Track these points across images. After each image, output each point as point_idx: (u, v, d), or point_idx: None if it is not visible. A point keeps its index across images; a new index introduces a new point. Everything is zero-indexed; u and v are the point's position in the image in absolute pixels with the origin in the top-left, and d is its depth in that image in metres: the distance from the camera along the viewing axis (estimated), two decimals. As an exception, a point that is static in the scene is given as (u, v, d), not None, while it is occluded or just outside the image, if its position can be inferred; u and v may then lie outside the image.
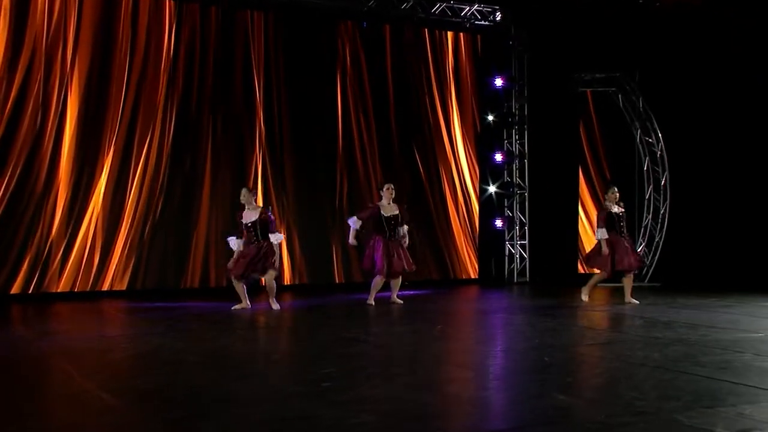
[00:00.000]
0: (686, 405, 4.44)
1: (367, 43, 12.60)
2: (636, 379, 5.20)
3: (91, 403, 4.34)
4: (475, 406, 4.34)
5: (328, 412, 4.15)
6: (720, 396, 4.66)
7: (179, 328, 7.69)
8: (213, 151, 11.57)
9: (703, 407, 4.42)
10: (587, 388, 4.84)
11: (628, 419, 4.10)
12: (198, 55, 11.50)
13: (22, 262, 10.39)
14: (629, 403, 4.47)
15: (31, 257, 10.44)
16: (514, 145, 13.55)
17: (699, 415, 4.17)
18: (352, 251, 11.54)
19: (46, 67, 10.57)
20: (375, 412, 4.14)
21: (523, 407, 4.37)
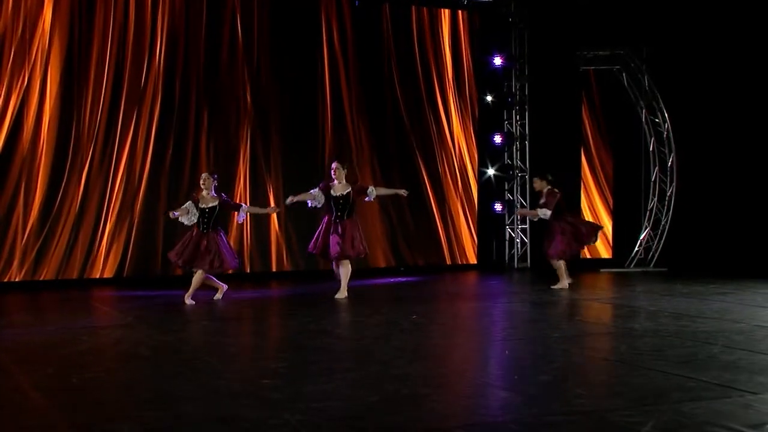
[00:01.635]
0: (628, 403, 4.44)
1: (359, 22, 12.53)
2: (589, 375, 5.21)
3: (15, 402, 4.42)
4: (411, 404, 4.36)
5: (253, 411, 4.20)
6: (666, 393, 4.65)
7: (147, 319, 7.79)
8: (198, 136, 11.60)
9: (644, 405, 4.41)
10: (534, 385, 4.84)
11: (558, 418, 4.11)
12: (183, 35, 11.50)
13: (8, 249, 10.55)
14: (568, 401, 4.48)
15: (18, 244, 10.58)
16: (515, 127, 13.46)
17: (635, 414, 4.17)
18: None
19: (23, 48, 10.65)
20: (303, 412, 4.18)
21: (459, 405, 4.40)
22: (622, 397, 4.58)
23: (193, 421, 4.03)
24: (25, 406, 4.35)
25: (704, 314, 7.83)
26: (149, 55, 11.30)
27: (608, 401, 4.49)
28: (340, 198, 9.15)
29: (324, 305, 8.75)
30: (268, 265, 11.98)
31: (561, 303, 8.94)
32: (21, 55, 10.64)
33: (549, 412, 4.25)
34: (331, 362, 5.55)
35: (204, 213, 8.76)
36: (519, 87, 13.43)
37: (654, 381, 5.04)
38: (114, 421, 4.01)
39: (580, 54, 13.36)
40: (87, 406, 4.32)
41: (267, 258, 11.96)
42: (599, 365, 5.49)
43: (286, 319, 7.98)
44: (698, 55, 13.04)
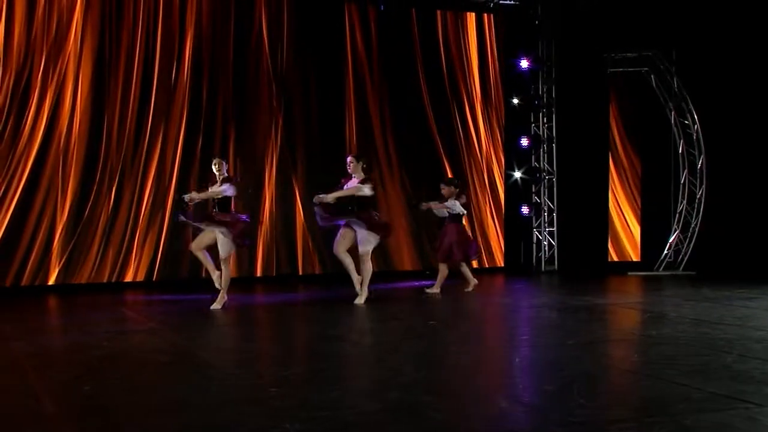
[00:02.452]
0: (629, 414, 4.43)
1: (383, 27, 12.58)
2: (595, 384, 5.19)
3: (26, 409, 4.54)
4: (411, 414, 4.40)
5: (256, 420, 4.26)
6: (671, 404, 4.62)
7: (170, 323, 7.93)
8: (225, 141, 11.75)
9: (646, 416, 4.39)
10: (537, 394, 4.84)
11: (555, 430, 4.11)
12: (210, 40, 11.64)
13: (42, 252, 10.78)
14: (568, 412, 4.46)
15: (53, 248, 10.81)
16: (542, 129, 13.40)
17: (635, 426, 4.15)
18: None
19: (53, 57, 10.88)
20: (303, 420, 4.23)
21: (457, 415, 4.41)
22: (624, 408, 4.57)
23: (195, 429, 4.10)
24: (34, 413, 4.46)
25: (726, 321, 7.73)
26: (177, 59, 11.47)
27: (609, 412, 4.47)
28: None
29: (345, 309, 8.81)
30: (295, 268, 12.08)
31: (582, 308, 8.88)
32: (54, 59, 10.85)
33: (547, 422, 4.25)
34: (340, 369, 5.60)
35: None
36: (546, 89, 13.37)
37: (660, 391, 5.00)
38: (119, 429, 4.10)
39: (608, 56, 13.25)
40: (95, 414, 4.42)
41: (294, 261, 12.06)
42: (608, 374, 5.47)
43: (306, 324, 8.06)
44: (728, 56, 12.87)
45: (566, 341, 6.85)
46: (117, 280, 11.16)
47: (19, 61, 10.68)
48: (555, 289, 11.40)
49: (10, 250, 10.60)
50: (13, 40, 10.66)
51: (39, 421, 4.33)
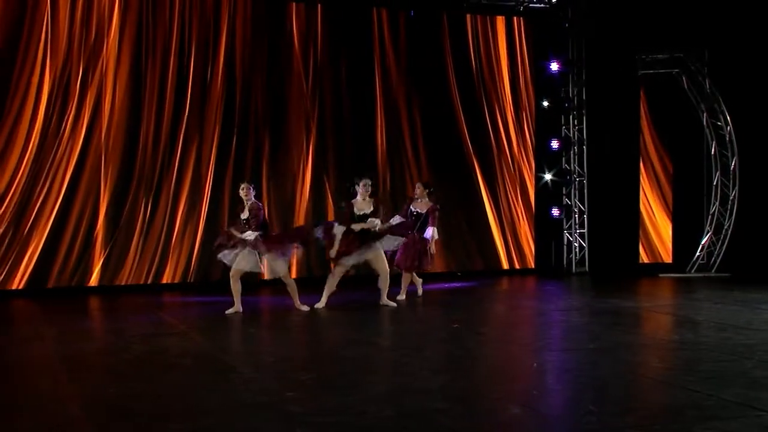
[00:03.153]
0: (638, 421, 4.43)
1: (414, 32, 12.63)
2: (609, 390, 5.18)
3: (53, 413, 4.69)
4: (422, 420, 4.45)
5: (270, 425, 4.35)
6: (682, 411, 4.61)
7: (199, 325, 8.08)
8: (260, 146, 11.89)
9: (655, 424, 4.40)
10: (550, 400, 4.87)
11: (562, 437, 4.14)
12: (243, 45, 11.79)
13: (86, 256, 11.04)
14: (579, 419, 4.49)
15: (91, 251, 11.06)
16: (572, 131, 13.33)
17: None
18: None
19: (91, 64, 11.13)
20: (316, 427, 4.31)
21: (468, 421, 4.45)
22: (634, 415, 4.57)
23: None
24: (60, 418, 4.61)
25: (752, 325, 7.65)
26: (212, 64, 11.62)
27: (618, 419, 4.47)
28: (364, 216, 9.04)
29: (371, 312, 8.89)
30: (327, 270, 12.15)
31: (608, 311, 8.84)
32: (92, 64, 11.07)
33: (555, 430, 4.28)
34: (358, 374, 5.67)
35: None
36: (576, 92, 13.29)
37: (673, 398, 5.00)
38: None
39: (638, 58, 13.13)
40: (118, 418, 4.55)
41: (325, 263, 12.14)
42: (623, 380, 5.45)
43: (331, 328, 8.14)
44: (761, 57, 12.67)
45: (587, 346, 6.85)
46: (154, 281, 11.36)
47: (59, 66, 10.91)
48: (584, 291, 11.35)
49: (52, 253, 10.85)
50: (57, 45, 10.90)
51: (62, 425, 4.47)
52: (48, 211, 10.85)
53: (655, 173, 13.70)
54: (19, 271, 10.72)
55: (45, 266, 10.83)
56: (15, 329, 8.17)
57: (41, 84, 10.84)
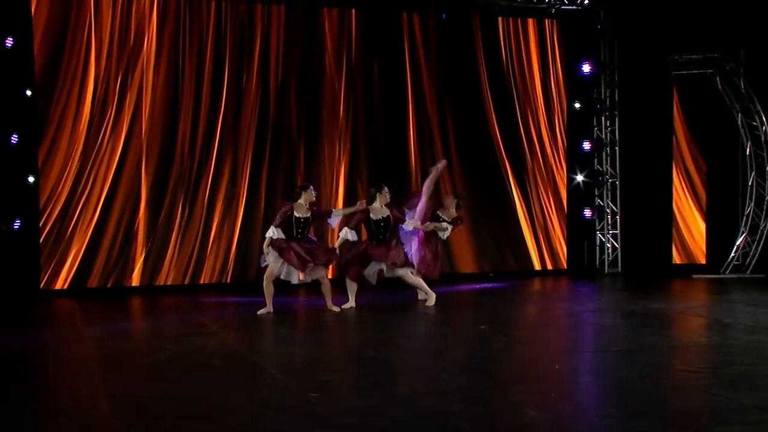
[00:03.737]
0: (653, 424, 4.41)
1: (445, 35, 12.64)
2: (628, 393, 5.16)
3: (83, 412, 4.82)
4: (438, 422, 4.49)
5: (290, 426, 4.42)
6: (699, 415, 4.59)
7: (232, 326, 8.21)
8: (294, 150, 12.01)
9: (671, 428, 4.37)
10: (567, 403, 4.87)
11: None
12: (277, 47, 11.91)
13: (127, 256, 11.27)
14: (595, 422, 4.49)
15: (132, 251, 11.29)
16: (604, 133, 13.24)
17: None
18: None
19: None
20: (335, 427, 4.38)
21: (483, 424, 4.48)
22: (650, 418, 4.54)
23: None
24: (90, 416, 4.74)
25: (782, 328, 7.54)
26: (247, 68, 11.75)
27: (634, 422, 4.46)
28: (380, 221, 9.12)
29: (400, 312, 8.93)
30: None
31: (637, 313, 8.78)
32: (131, 68, 11.28)
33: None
34: (381, 375, 5.72)
35: (300, 222, 8.90)
36: (609, 93, 13.19)
37: (692, 401, 4.98)
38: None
39: (671, 59, 12.99)
40: (146, 418, 4.66)
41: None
42: (644, 382, 5.42)
43: (359, 329, 8.20)
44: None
45: (610, 348, 6.82)
46: (192, 281, 11.55)
47: (101, 72, 11.14)
48: (615, 292, 11.26)
49: (94, 254, 11.10)
50: (99, 51, 11.14)
51: (90, 423, 4.59)
52: (90, 213, 11.10)
53: (688, 174, 13.52)
54: (62, 271, 10.99)
55: (87, 266, 11.08)
56: (56, 329, 8.37)
57: (83, 90, 11.08)
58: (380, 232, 9.07)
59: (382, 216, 9.09)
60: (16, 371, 6.12)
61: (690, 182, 13.52)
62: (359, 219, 9.19)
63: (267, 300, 8.75)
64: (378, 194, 9.17)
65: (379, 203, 9.14)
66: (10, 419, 4.67)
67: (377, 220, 9.07)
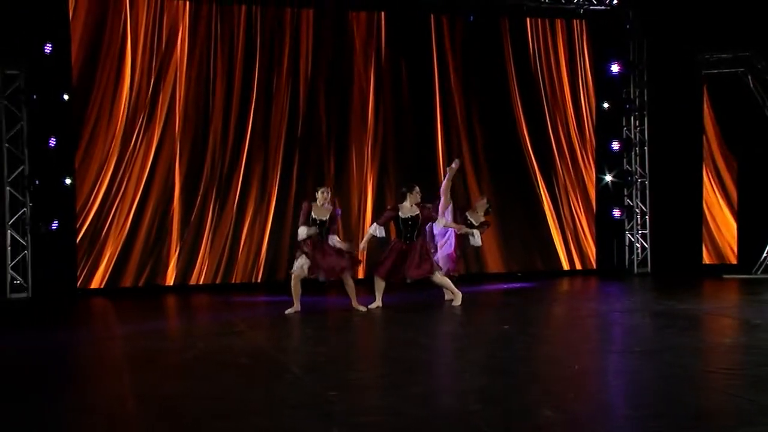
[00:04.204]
0: (670, 425, 4.38)
1: (473, 36, 12.62)
2: (647, 393, 5.13)
3: (110, 409, 4.92)
4: (454, 421, 4.51)
5: (308, 425, 4.46)
6: (717, 416, 4.55)
7: (260, 325, 8.30)
8: (324, 151, 12.09)
9: (686, 428, 4.34)
10: (584, 403, 4.85)
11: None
12: (307, 50, 11.98)
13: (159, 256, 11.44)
14: (609, 423, 4.47)
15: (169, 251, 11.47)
16: (633, 132, 13.12)
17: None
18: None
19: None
20: (351, 426, 4.42)
21: (498, 424, 4.48)
22: (667, 419, 4.51)
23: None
24: (117, 414, 4.84)
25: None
26: (277, 70, 11.82)
27: (650, 423, 4.43)
28: (408, 220, 9.12)
29: (426, 312, 8.94)
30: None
31: (663, 313, 8.70)
32: (164, 71, 11.44)
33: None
34: (402, 375, 5.75)
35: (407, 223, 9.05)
36: (638, 93, 13.07)
37: (711, 402, 4.93)
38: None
39: (702, 58, 12.81)
40: (170, 416, 4.74)
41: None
42: (665, 383, 5.38)
43: (384, 329, 8.24)
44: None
45: (634, 348, 6.78)
46: (223, 281, 11.67)
47: (137, 75, 11.31)
48: (643, 292, 11.17)
49: (128, 253, 11.27)
50: (135, 53, 11.32)
51: (114, 422, 4.68)
52: (124, 214, 11.27)
53: (719, 173, 13.32)
54: (98, 271, 11.18)
55: (121, 266, 11.25)
56: (90, 328, 8.54)
57: (118, 94, 11.26)
58: (408, 230, 9.09)
59: (411, 215, 9.11)
60: (49, 369, 6.25)
61: (721, 181, 13.32)
62: (389, 217, 9.23)
63: (295, 299, 8.82)
64: (408, 194, 9.19)
65: (409, 202, 9.16)
66: (41, 415, 4.78)
67: (405, 219, 9.10)
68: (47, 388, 5.52)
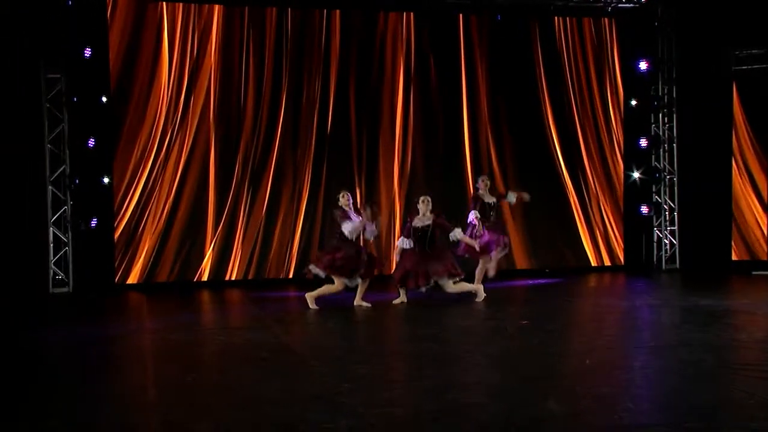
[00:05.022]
0: (668, 419, 4.41)
1: (501, 36, 12.64)
2: (652, 389, 5.16)
3: (131, 397, 5.11)
4: (458, 414, 4.59)
5: (318, 416, 4.56)
6: (717, 410, 4.56)
7: (285, 320, 8.46)
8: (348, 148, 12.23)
9: (684, 422, 4.35)
10: (589, 397, 4.88)
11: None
12: (337, 50, 12.16)
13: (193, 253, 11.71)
14: (609, 416, 4.50)
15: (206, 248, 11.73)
16: (662, 129, 13.01)
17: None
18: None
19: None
20: (359, 417, 4.52)
21: (501, 417, 4.55)
22: (668, 413, 4.54)
23: (263, 425, 4.44)
24: (137, 401, 5.02)
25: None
26: (309, 67, 12.03)
27: (651, 416, 4.47)
28: (419, 230, 9.25)
29: (450, 308, 9.01)
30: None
31: (685, 309, 8.65)
32: (196, 71, 11.72)
33: (584, 426, 4.32)
34: (414, 369, 5.85)
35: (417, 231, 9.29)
36: (667, 90, 12.96)
37: (713, 397, 4.93)
38: (200, 421, 4.53)
39: (731, 54, 12.66)
40: (185, 406, 4.90)
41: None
42: (671, 378, 5.40)
43: (403, 323, 8.34)
44: None
45: (648, 343, 6.77)
46: (256, 276, 11.89)
47: (174, 73, 11.62)
48: (669, 288, 11.11)
49: (163, 250, 11.56)
50: (172, 59, 11.61)
51: (134, 410, 4.86)
52: (160, 211, 11.57)
53: (748, 170, 13.11)
54: (135, 267, 11.48)
55: (157, 262, 11.54)
56: (123, 322, 8.76)
57: (154, 96, 11.55)
58: (422, 239, 9.24)
59: (423, 224, 9.27)
60: (79, 360, 6.48)
61: (750, 178, 13.12)
62: (408, 228, 9.42)
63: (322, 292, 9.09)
64: (419, 204, 9.39)
65: (421, 212, 9.34)
66: (65, 404, 4.98)
67: (416, 228, 9.28)
68: (79, 378, 5.75)
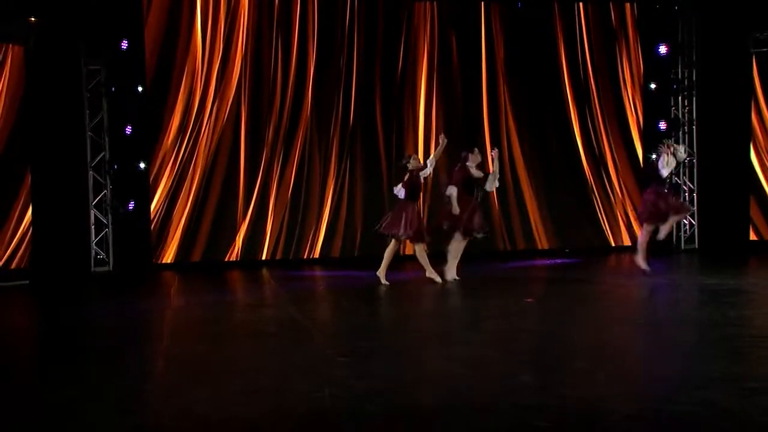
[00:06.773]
0: (627, 389, 4.56)
1: (522, 22, 12.72)
2: (624, 364, 5.31)
3: (139, 368, 5.48)
4: (433, 384, 4.83)
5: (307, 386, 4.77)
6: (678, 382, 4.69)
7: (301, 297, 8.79)
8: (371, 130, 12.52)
9: (642, 393, 4.50)
10: (564, 370, 5.06)
11: (550, 402, 4.37)
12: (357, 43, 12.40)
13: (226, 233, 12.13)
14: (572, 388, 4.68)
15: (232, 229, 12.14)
16: (681, 112, 12.97)
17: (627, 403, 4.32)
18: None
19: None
20: (343, 387, 4.76)
21: (474, 387, 4.76)
22: (629, 383, 4.70)
23: (251, 391, 4.75)
24: (144, 372, 5.38)
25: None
26: (332, 51, 12.33)
27: (611, 388, 4.58)
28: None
29: (462, 286, 9.20)
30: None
31: (690, 288, 8.75)
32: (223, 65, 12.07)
33: (551, 395, 4.49)
34: (409, 344, 6.10)
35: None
36: (687, 73, 12.90)
37: (679, 371, 5.01)
38: (195, 385, 4.87)
39: (752, 36, 12.54)
40: (190, 374, 5.24)
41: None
42: (648, 353, 5.55)
43: (413, 302, 8.59)
44: None
45: (637, 320, 6.91)
46: (284, 256, 12.25)
47: (202, 68, 12.02)
48: (684, 268, 11.18)
49: (196, 232, 12.01)
50: (204, 49, 12.01)
51: (142, 379, 5.22)
52: (194, 194, 12.03)
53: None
54: (170, 248, 11.95)
55: (191, 242, 11.99)
56: (149, 300, 9.14)
57: (187, 85, 11.97)
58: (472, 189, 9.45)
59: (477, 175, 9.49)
60: (111, 334, 6.91)
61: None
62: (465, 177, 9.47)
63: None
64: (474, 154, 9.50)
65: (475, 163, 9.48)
66: (79, 376, 5.37)
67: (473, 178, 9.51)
68: (104, 351, 6.16)
